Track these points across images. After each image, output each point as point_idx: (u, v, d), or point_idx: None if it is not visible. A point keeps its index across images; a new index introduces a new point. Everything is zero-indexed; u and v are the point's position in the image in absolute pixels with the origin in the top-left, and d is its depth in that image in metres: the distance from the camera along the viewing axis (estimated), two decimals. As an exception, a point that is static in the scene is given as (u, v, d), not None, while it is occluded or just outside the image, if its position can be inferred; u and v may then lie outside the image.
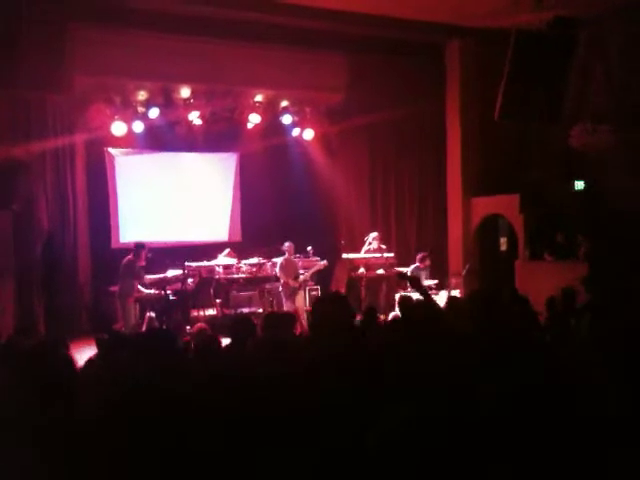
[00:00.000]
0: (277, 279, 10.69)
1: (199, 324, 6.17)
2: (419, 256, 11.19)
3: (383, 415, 2.28)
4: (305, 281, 10.66)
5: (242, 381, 2.98)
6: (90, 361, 3.88)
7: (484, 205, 12.28)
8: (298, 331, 7.12)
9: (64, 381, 2.80)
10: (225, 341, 4.86)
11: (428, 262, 11.17)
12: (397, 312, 9.34)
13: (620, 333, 3.39)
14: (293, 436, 2.46)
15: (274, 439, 2.47)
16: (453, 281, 11.30)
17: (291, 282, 10.29)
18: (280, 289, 10.49)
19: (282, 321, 5.46)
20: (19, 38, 9.22)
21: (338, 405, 2.65)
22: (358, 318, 8.50)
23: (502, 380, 2.73)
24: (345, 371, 2.92)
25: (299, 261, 10.95)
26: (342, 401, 2.68)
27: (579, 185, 10.89)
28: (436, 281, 11.07)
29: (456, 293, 10.66)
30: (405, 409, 2.31)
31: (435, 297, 10.31)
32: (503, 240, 12.55)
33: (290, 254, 10.44)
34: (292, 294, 10.33)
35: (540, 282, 9.49)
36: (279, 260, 10.48)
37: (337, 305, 3.56)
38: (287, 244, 10.40)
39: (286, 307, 10.25)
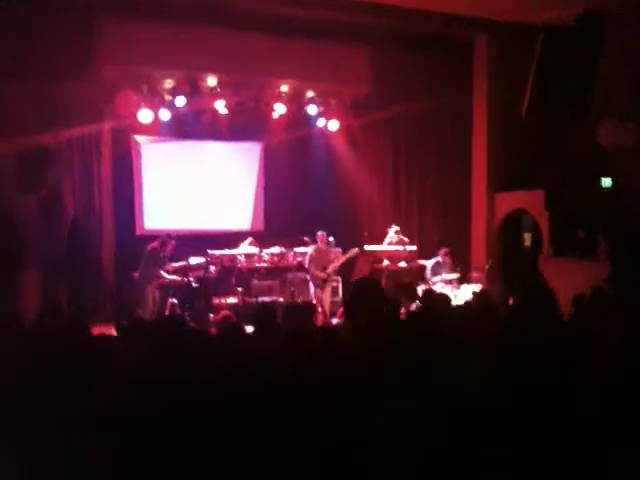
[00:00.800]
0: (301, 269, 10.72)
1: (224, 311, 6.23)
2: (442, 251, 11.15)
3: (391, 409, 2.30)
4: (334, 271, 10.65)
5: (261, 370, 3.01)
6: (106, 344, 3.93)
7: (508, 200, 12.19)
8: (320, 322, 7.15)
9: (87, 364, 2.85)
10: (247, 329, 4.91)
11: (449, 259, 11.12)
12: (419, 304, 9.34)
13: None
14: (305, 427, 2.48)
15: (285, 429, 2.49)
16: (475, 275, 11.24)
17: (318, 273, 10.32)
18: (309, 279, 10.54)
19: (302, 312, 5.50)
20: (47, 28, 9.34)
21: (354, 397, 2.67)
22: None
23: (520, 379, 2.73)
24: (376, 364, 2.93)
25: (337, 254, 10.93)
26: (359, 393, 2.70)
27: (606, 182, 10.75)
28: (457, 275, 11.01)
29: (477, 288, 10.61)
30: (413, 404, 2.33)
31: (456, 291, 10.34)
32: (527, 236, 12.45)
33: (322, 243, 10.46)
34: (321, 285, 10.37)
35: (563, 279, 9.40)
36: (309, 250, 10.50)
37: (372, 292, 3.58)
38: (319, 233, 10.41)
39: (315, 298, 10.28)
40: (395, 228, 11.41)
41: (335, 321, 8.69)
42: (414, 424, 2.27)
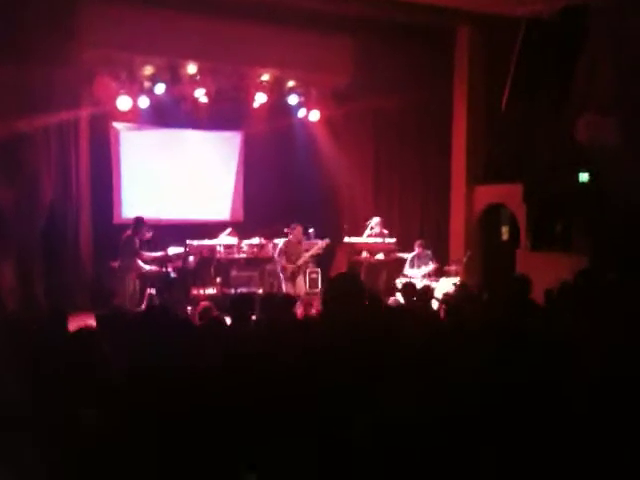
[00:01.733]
0: (269, 260, 10.70)
1: (203, 302, 6.19)
2: (417, 243, 11.17)
3: (376, 404, 2.30)
4: (305, 263, 10.61)
5: (242, 361, 3.00)
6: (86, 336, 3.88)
7: (487, 194, 12.27)
8: (300, 314, 7.14)
9: (63, 357, 2.82)
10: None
11: (424, 250, 11.12)
12: (397, 297, 9.38)
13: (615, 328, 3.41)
14: (292, 421, 2.47)
15: (271, 422, 2.49)
16: (453, 268, 11.29)
17: (288, 266, 10.22)
18: (279, 272, 10.48)
19: (282, 304, 5.49)
20: (26, 11, 9.17)
21: (337, 389, 2.67)
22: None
23: (501, 373, 2.75)
24: (354, 354, 2.93)
25: (303, 244, 10.90)
26: (341, 385, 2.70)
27: (584, 177, 10.84)
28: (432, 267, 10.97)
29: (456, 280, 10.67)
30: (398, 399, 2.33)
31: (434, 284, 10.37)
32: (505, 229, 12.54)
33: (295, 237, 10.32)
34: (291, 277, 10.32)
35: (540, 273, 9.47)
36: (280, 243, 10.44)
37: (351, 285, 3.58)
38: (293, 226, 10.29)
39: (286, 290, 10.24)
40: (376, 220, 11.40)
41: (313, 312, 8.68)
42: (397, 419, 2.27)
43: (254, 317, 5.31)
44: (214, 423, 2.44)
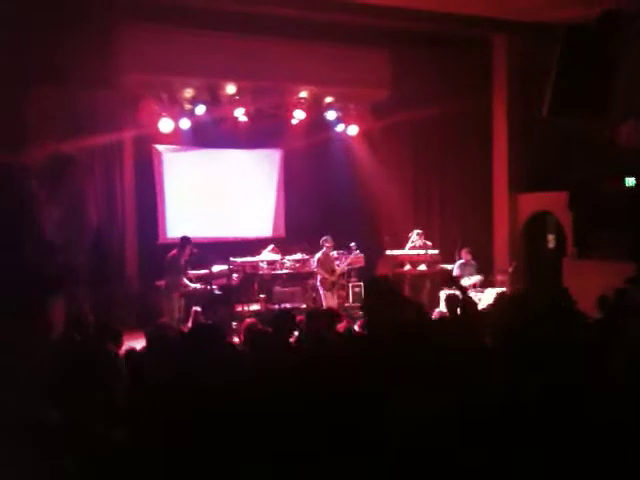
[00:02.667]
0: (314, 275, 10.76)
1: (249, 319, 6.23)
2: (464, 251, 11.12)
3: (413, 408, 2.28)
4: (341, 275, 10.69)
5: (284, 378, 3.01)
6: (134, 354, 3.95)
7: (531, 202, 12.11)
8: (342, 328, 7.13)
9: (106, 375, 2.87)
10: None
11: (469, 256, 11.06)
12: (441, 309, 9.30)
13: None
14: (335, 430, 2.48)
15: (314, 430, 2.49)
16: (499, 278, 11.16)
17: (329, 277, 10.37)
18: (318, 284, 10.56)
19: (324, 318, 5.49)
20: (66, 35, 9.43)
21: (377, 398, 2.66)
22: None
23: (540, 380, 2.70)
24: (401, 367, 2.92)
25: (341, 257, 10.98)
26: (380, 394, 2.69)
27: (630, 182, 10.62)
28: (480, 277, 10.94)
29: (502, 290, 10.54)
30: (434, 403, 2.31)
31: (480, 295, 10.26)
32: (551, 237, 12.34)
33: (328, 249, 10.50)
34: (330, 288, 10.40)
35: (588, 281, 9.29)
36: (317, 255, 10.55)
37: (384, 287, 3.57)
38: (324, 238, 10.45)
39: (326, 302, 10.30)
40: (417, 231, 11.38)
41: (357, 327, 8.67)
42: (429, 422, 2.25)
43: (296, 332, 5.34)
44: (257, 440, 2.45)
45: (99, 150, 10.40)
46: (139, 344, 4.84)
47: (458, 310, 5.42)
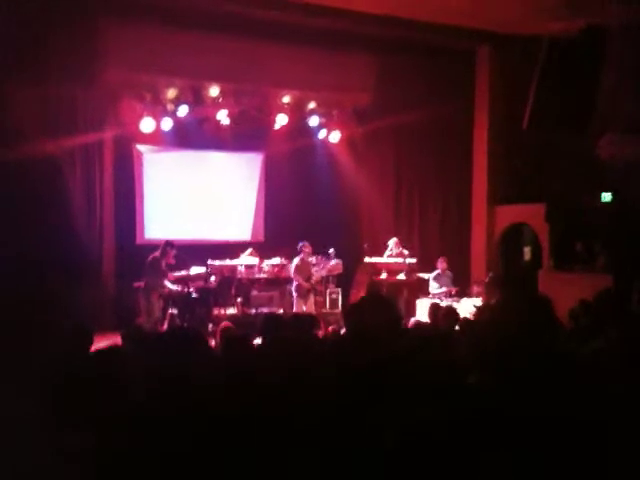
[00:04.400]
0: (290, 280, 10.75)
1: (225, 322, 6.20)
2: (439, 260, 11.19)
3: (401, 416, 2.29)
4: (317, 282, 10.70)
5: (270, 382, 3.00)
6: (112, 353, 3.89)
7: (509, 213, 12.22)
8: (320, 334, 7.13)
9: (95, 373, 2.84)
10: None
11: (445, 265, 11.14)
12: (418, 318, 9.34)
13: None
14: (313, 437, 2.47)
15: (294, 439, 2.49)
16: (475, 289, 11.24)
17: (304, 283, 10.34)
18: (293, 290, 10.54)
19: (305, 323, 5.48)
20: (51, 33, 9.35)
21: (358, 406, 2.66)
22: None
23: (523, 389, 2.73)
24: (370, 374, 2.93)
25: (319, 262, 10.99)
26: (361, 402, 2.69)
27: (606, 197, 10.78)
28: (452, 288, 11.02)
29: (478, 301, 10.61)
30: (422, 410, 2.33)
31: (456, 305, 10.32)
32: (527, 249, 12.46)
33: (306, 255, 10.48)
34: (304, 295, 10.39)
35: (563, 293, 9.39)
36: (294, 261, 10.53)
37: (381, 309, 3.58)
38: (302, 243, 10.43)
39: (297, 308, 10.27)
40: (394, 240, 11.42)
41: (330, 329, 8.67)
42: (420, 429, 2.26)
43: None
44: (232, 443, 2.44)
45: (79, 148, 10.29)
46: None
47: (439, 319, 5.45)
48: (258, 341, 4.74)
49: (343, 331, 5.60)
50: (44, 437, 2.37)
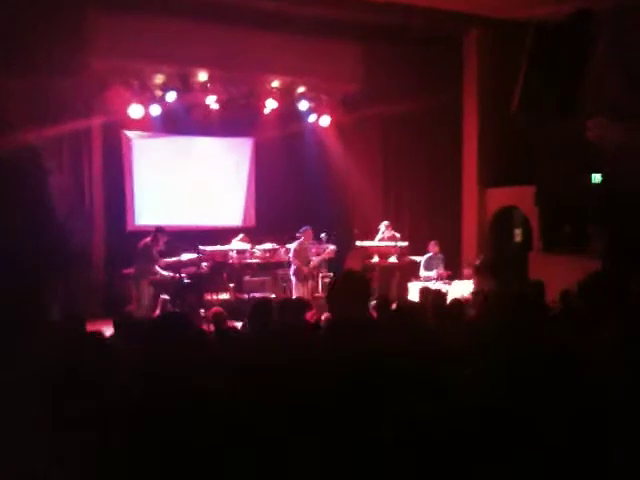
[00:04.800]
0: (289, 264, 10.77)
1: (216, 308, 6.21)
2: (431, 243, 11.24)
3: (399, 409, 2.30)
4: (315, 267, 10.73)
5: (256, 367, 3.01)
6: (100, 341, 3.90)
7: (499, 196, 12.26)
8: (311, 318, 7.15)
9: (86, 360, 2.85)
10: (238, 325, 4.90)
11: (439, 250, 11.19)
12: (410, 301, 9.36)
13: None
14: (304, 427, 2.48)
15: (285, 429, 2.50)
16: (466, 272, 11.29)
17: (304, 268, 10.39)
18: (292, 274, 10.57)
19: (295, 307, 5.50)
20: (37, 22, 9.25)
21: (351, 396, 2.67)
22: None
23: (520, 377, 2.75)
24: (363, 362, 2.94)
25: (312, 247, 11.02)
26: (355, 392, 2.71)
27: (596, 178, 10.82)
28: (442, 270, 11.08)
29: (469, 284, 10.67)
30: (422, 404, 2.34)
31: (448, 287, 10.38)
32: (518, 232, 12.52)
33: (307, 240, 10.51)
34: (304, 279, 10.43)
35: (554, 275, 9.46)
36: (293, 245, 10.56)
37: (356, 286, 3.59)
38: (304, 229, 10.45)
39: (296, 293, 10.32)
40: (385, 223, 11.45)
41: (324, 317, 8.70)
42: (419, 423, 2.28)
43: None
44: (226, 431, 2.45)
45: (67, 136, 10.23)
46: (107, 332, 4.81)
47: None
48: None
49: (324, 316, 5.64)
50: (35, 430, 2.38)
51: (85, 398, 2.61)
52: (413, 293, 10.51)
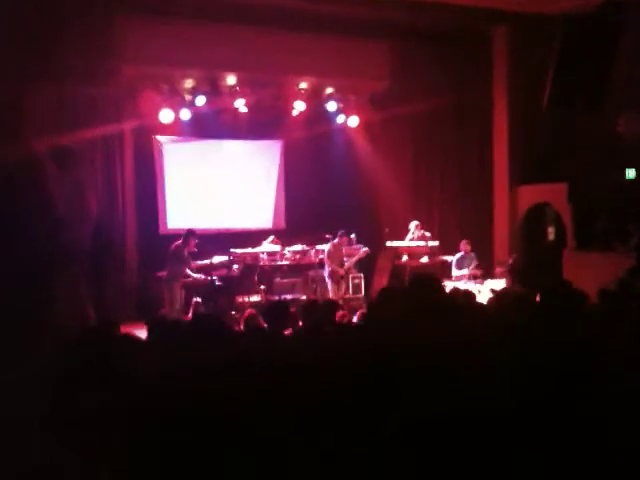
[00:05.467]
0: (322, 266, 10.78)
1: (249, 310, 6.26)
2: (462, 242, 11.15)
3: (405, 407, 2.30)
4: (349, 269, 10.74)
5: (276, 369, 3.02)
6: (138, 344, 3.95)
7: (531, 194, 12.11)
8: (340, 319, 7.16)
9: (120, 363, 2.88)
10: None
11: (470, 249, 11.10)
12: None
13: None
14: (320, 426, 2.49)
15: (302, 429, 2.50)
16: (498, 270, 11.19)
17: (339, 270, 10.43)
18: (327, 277, 10.59)
19: (321, 309, 5.52)
20: (64, 30, 9.40)
21: (367, 396, 2.67)
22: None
23: (544, 375, 2.72)
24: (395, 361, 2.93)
25: (344, 249, 11.02)
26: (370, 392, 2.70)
27: (630, 174, 10.63)
28: (475, 268, 10.97)
29: (502, 283, 10.57)
30: (427, 402, 2.33)
31: (480, 286, 10.29)
32: (551, 229, 12.35)
33: (340, 242, 10.55)
34: (339, 281, 10.45)
35: (588, 272, 9.33)
36: (327, 247, 10.59)
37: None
38: (341, 232, 10.51)
39: (332, 294, 10.33)
40: (415, 223, 11.39)
41: (355, 319, 8.70)
42: (432, 426, 2.26)
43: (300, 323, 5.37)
44: (255, 431, 2.46)
45: (99, 141, 10.36)
46: (140, 335, 4.87)
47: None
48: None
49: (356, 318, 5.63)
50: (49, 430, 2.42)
51: (115, 398, 2.65)
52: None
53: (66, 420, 2.43)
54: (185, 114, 11.18)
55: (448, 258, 11.25)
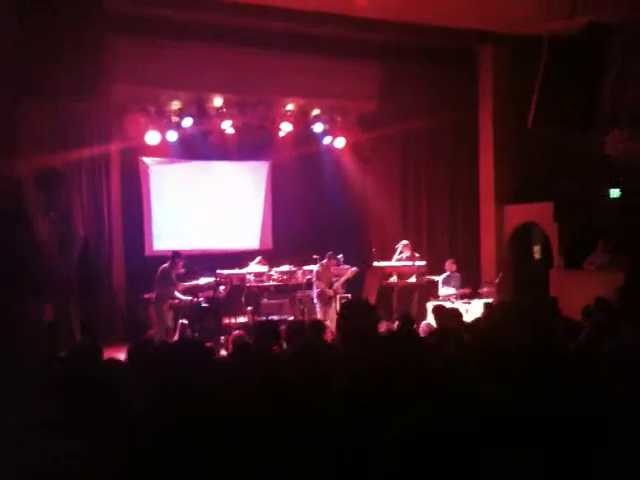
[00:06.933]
0: (309, 287, 10.75)
1: (236, 331, 6.22)
2: (448, 262, 11.16)
3: (404, 414, 2.28)
4: (337, 289, 10.72)
5: (267, 386, 3.00)
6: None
7: (517, 213, 12.17)
8: (329, 338, 7.13)
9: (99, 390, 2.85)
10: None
11: (454, 267, 11.10)
12: (429, 321, 9.30)
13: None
14: (318, 438, 2.46)
15: (299, 441, 2.48)
16: (485, 290, 11.19)
17: (328, 291, 10.41)
18: (315, 297, 10.55)
19: (309, 329, 5.49)
20: (54, 49, 9.40)
21: (362, 406, 2.65)
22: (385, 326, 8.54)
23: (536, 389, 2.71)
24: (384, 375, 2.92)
25: (332, 269, 11.00)
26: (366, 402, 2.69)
27: (614, 193, 10.71)
28: (461, 290, 10.98)
29: (488, 301, 10.56)
30: (425, 409, 2.31)
31: (467, 306, 10.28)
32: (537, 248, 12.40)
33: (329, 263, 10.53)
34: (328, 302, 10.41)
35: (575, 291, 9.35)
36: (315, 267, 10.57)
37: (362, 312, 3.58)
38: (330, 254, 10.53)
39: (320, 315, 10.29)
40: (404, 243, 11.40)
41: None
42: (422, 428, 2.24)
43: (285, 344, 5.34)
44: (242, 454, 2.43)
45: (86, 162, 10.33)
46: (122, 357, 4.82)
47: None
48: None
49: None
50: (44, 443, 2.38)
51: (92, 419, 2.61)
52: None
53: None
54: (172, 136, 11.18)
55: (436, 278, 11.24)
